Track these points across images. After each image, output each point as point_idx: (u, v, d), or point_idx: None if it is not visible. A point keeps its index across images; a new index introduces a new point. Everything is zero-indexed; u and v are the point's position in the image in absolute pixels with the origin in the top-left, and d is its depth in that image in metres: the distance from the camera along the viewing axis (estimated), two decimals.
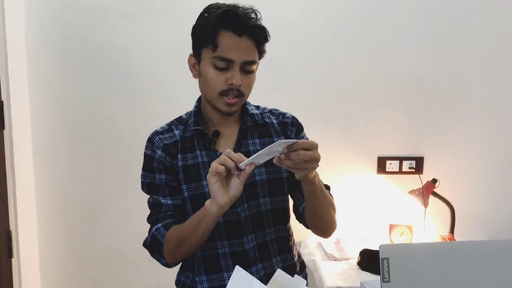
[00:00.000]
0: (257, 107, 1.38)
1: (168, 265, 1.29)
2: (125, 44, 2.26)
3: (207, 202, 1.12)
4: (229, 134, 1.30)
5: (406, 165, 2.40)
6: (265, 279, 1.26)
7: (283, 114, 1.38)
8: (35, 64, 2.25)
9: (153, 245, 1.27)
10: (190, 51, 2.29)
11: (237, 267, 0.98)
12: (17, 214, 2.19)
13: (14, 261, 2.21)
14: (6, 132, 2.14)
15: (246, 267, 1.24)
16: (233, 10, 1.18)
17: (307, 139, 1.37)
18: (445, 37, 2.35)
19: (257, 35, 1.20)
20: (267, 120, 1.35)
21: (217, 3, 1.25)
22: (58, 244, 2.36)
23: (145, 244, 1.31)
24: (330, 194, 1.34)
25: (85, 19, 2.24)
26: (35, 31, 2.23)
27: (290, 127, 1.35)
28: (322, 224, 1.32)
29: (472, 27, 2.34)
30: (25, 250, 2.25)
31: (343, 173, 2.36)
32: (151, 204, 1.32)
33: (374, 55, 2.34)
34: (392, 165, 2.39)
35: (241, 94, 1.21)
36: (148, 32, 2.25)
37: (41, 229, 2.35)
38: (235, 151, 1.24)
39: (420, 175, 2.35)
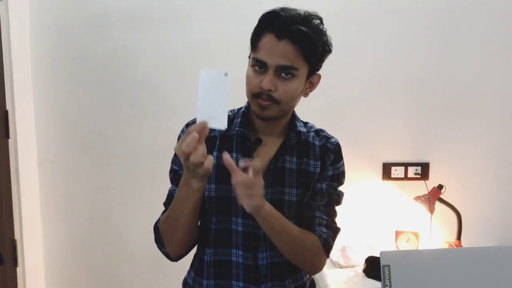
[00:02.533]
0: (305, 124, 1.34)
1: (169, 255, 1.25)
2: (128, 53, 2.27)
3: (183, 177, 1.09)
4: (269, 145, 1.25)
5: (411, 171, 2.38)
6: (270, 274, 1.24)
7: (328, 138, 1.32)
8: (40, 73, 2.26)
9: (155, 232, 1.25)
10: (192, 60, 2.33)
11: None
12: (22, 223, 2.20)
13: (19, 270, 2.21)
14: (11, 141, 2.15)
15: (256, 283, 1.23)
16: (276, 12, 1.14)
17: (342, 171, 1.33)
18: (450, 43, 2.34)
19: (300, 41, 1.12)
20: (310, 140, 1.29)
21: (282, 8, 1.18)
22: (63, 253, 2.36)
23: (153, 229, 1.27)
24: (326, 239, 1.24)
25: (89, 29, 2.25)
26: (40, 41, 2.25)
27: (330, 153, 1.29)
28: (293, 262, 1.25)
29: (477, 32, 2.33)
30: (30, 259, 2.25)
31: (348, 180, 2.31)
32: (169, 193, 1.30)
33: (378, 61, 2.33)
34: (397, 171, 2.38)
35: (274, 100, 1.15)
36: (151, 41, 2.26)
37: (46, 238, 2.35)
38: (271, 164, 1.22)
39: (426, 181, 2.33)
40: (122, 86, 2.29)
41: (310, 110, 2.28)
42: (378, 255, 2.01)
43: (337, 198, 1.32)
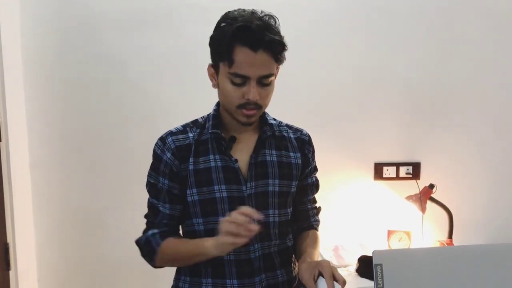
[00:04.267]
0: (274, 119, 1.39)
1: (156, 267, 1.32)
2: (120, 55, 2.26)
3: (209, 245, 1.16)
4: (246, 141, 1.31)
5: (403, 171, 2.40)
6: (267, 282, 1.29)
7: (301, 131, 1.41)
8: (31, 76, 2.25)
9: (147, 248, 1.29)
10: (184, 62, 2.32)
11: None
12: (14, 226, 2.18)
13: (11, 273, 2.19)
14: (2, 144, 2.14)
15: (250, 277, 1.26)
16: (247, 25, 1.15)
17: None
18: (441, 42, 2.36)
19: (274, 48, 1.18)
20: (285, 134, 1.37)
21: (234, 11, 1.22)
22: (56, 256, 2.35)
23: (137, 243, 1.32)
24: (318, 224, 1.46)
25: (81, 31, 2.24)
26: (32, 44, 2.23)
27: (308, 146, 1.39)
28: None
29: (467, 31, 2.36)
30: (22, 262, 2.24)
31: (340, 180, 2.36)
32: (150, 206, 1.33)
33: (369, 61, 2.35)
34: (389, 171, 2.40)
35: (259, 107, 1.22)
36: (143, 43, 2.26)
37: (39, 241, 2.34)
38: (252, 158, 1.28)
39: (417, 181, 2.36)
40: (114, 88, 2.29)
41: (301, 110, 2.31)
42: (370, 255, 2.03)
43: (318, 183, 1.47)
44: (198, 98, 2.26)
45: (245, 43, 1.15)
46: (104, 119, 2.30)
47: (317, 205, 1.49)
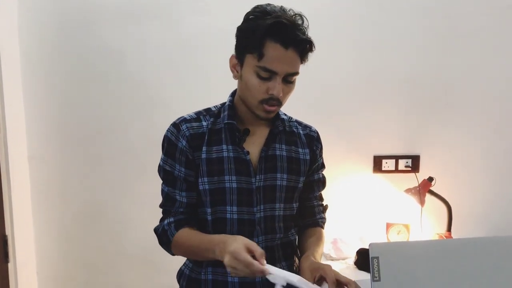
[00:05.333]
0: (285, 115, 1.40)
1: (173, 254, 1.33)
2: (120, 47, 2.25)
3: (222, 246, 1.12)
4: (258, 134, 1.32)
5: (402, 164, 2.40)
6: (267, 282, 1.27)
7: (310, 127, 1.43)
8: (29, 68, 2.24)
9: (163, 238, 1.30)
10: (183, 54, 2.31)
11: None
12: (13, 218, 2.18)
13: (10, 265, 2.20)
14: (0, 136, 2.13)
15: None
16: (282, 21, 1.16)
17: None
18: (441, 36, 2.35)
19: (303, 48, 1.20)
20: (294, 130, 1.39)
21: (264, 5, 1.22)
22: (55, 248, 2.35)
23: (156, 231, 1.33)
24: (324, 221, 1.46)
25: (79, 24, 2.23)
26: (29, 35, 2.22)
27: (316, 142, 1.41)
28: None
29: (468, 25, 2.35)
30: (21, 254, 2.24)
31: (339, 173, 2.36)
32: (166, 195, 1.33)
33: (369, 54, 2.34)
34: (388, 164, 2.39)
35: (280, 103, 1.23)
36: (142, 35, 2.25)
37: (38, 234, 2.34)
38: (263, 152, 1.29)
39: (417, 174, 2.35)
40: (113, 81, 2.28)
41: (301, 104, 2.30)
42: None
43: (325, 180, 1.49)
44: (197, 91, 2.26)
45: (277, 39, 1.16)
46: (102, 111, 2.30)
47: (324, 203, 1.49)
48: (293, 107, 1.49)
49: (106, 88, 2.28)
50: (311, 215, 1.44)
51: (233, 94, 1.34)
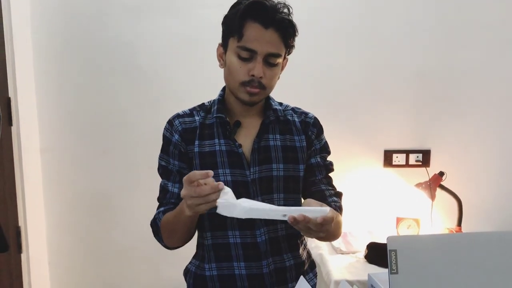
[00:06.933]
0: (280, 104, 1.39)
1: (167, 247, 1.32)
2: (131, 39, 2.26)
3: (185, 206, 1.10)
4: (250, 126, 1.31)
5: (413, 158, 2.40)
6: (274, 273, 1.28)
7: (306, 114, 1.39)
8: (42, 60, 2.26)
9: (154, 227, 1.31)
10: (194, 47, 2.31)
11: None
12: (25, 210, 2.21)
13: (23, 256, 2.23)
14: (13, 128, 2.16)
15: (256, 260, 1.27)
16: (262, 1, 1.18)
17: (326, 141, 1.40)
18: (452, 30, 2.33)
19: (284, 29, 1.19)
20: (289, 118, 1.36)
21: None
22: (67, 239, 2.38)
23: (150, 224, 1.34)
24: (339, 207, 1.34)
25: (91, 15, 2.24)
26: (41, 28, 2.24)
27: (312, 127, 1.36)
28: (324, 240, 1.31)
29: (479, 20, 2.33)
30: (34, 245, 2.27)
31: (349, 167, 2.36)
32: (161, 187, 1.34)
33: (380, 49, 2.33)
34: (398, 158, 2.39)
35: (262, 86, 1.22)
36: (154, 27, 2.26)
37: (50, 225, 2.36)
38: (255, 143, 1.28)
39: (427, 168, 2.35)
40: (124, 73, 2.29)
41: (312, 98, 2.30)
42: (379, 241, 2.04)
43: (331, 166, 1.41)
44: (208, 83, 2.26)
45: (256, 19, 1.17)
46: (114, 103, 2.31)
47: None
48: (302, 103, 1.48)
49: (118, 81, 2.30)
50: (322, 198, 1.31)
51: (224, 88, 1.35)
